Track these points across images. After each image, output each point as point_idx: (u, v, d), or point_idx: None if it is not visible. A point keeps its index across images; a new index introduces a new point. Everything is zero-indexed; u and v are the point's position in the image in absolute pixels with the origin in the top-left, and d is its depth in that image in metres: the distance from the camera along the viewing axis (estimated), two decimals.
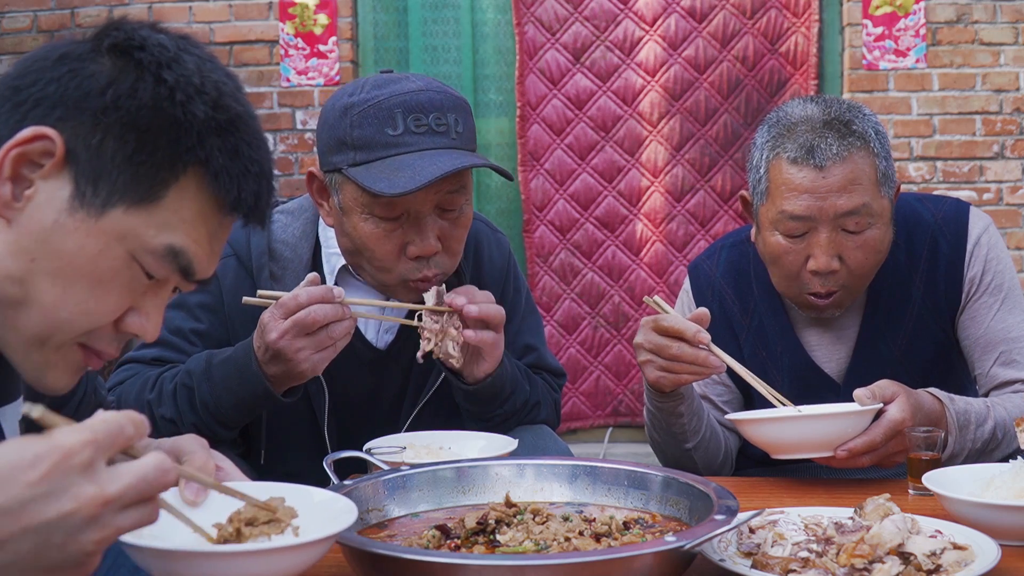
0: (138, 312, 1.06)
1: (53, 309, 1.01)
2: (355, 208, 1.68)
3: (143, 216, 1.01)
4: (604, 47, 4.30)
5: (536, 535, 1.19)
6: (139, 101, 0.99)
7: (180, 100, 1.00)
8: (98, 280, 1.01)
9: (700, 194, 4.29)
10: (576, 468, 1.39)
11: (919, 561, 1.10)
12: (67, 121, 0.98)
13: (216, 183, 1.03)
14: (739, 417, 1.66)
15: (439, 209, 1.69)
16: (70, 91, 0.98)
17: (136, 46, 1.01)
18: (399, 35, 4.44)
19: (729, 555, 1.16)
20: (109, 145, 0.98)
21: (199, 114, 1.01)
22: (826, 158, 1.70)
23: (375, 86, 1.68)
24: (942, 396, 1.67)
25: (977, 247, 1.85)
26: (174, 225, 1.02)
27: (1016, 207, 4.26)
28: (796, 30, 4.25)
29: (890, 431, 1.55)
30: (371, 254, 1.70)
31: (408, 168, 1.61)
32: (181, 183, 1.02)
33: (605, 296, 4.32)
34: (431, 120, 1.66)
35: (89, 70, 0.99)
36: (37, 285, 1.00)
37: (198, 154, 1.01)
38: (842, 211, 1.71)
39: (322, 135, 1.72)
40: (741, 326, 1.95)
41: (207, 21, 4.40)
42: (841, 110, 1.76)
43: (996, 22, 4.20)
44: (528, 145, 4.31)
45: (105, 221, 0.99)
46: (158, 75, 1.00)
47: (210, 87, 1.03)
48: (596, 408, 4.35)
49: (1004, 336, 1.82)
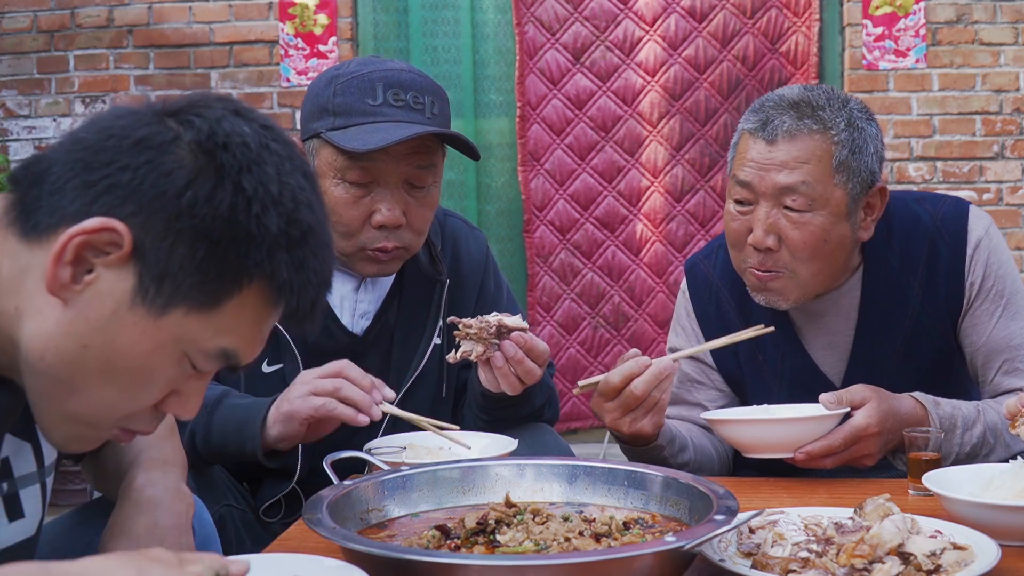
0: (179, 395, 1.05)
1: (98, 397, 1.00)
2: (328, 172, 1.75)
3: (202, 320, 0.99)
4: (604, 47, 4.30)
5: (536, 535, 1.19)
6: (216, 210, 0.95)
7: (256, 213, 0.97)
8: (147, 374, 1.00)
9: (700, 194, 4.29)
10: (576, 468, 1.39)
11: (919, 561, 1.10)
12: (138, 216, 0.94)
13: (277, 295, 1.01)
14: (710, 416, 1.73)
15: (408, 184, 1.77)
16: (146, 186, 0.95)
17: (220, 145, 0.97)
18: (399, 35, 4.44)
19: (729, 555, 1.16)
20: (179, 250, 0.95)
21: (272, 228, 0.98)
22: (776, 133, 1.73)
23: (361, 63, 1.80)
24: (926, 401, 1.67)
25: (978, 251, 1.81)
26: (230, 330, 1.01)
27: (1016, 207, 4.26)
28: (796, 30, 4.25)
29: (850, 436, 1.59)
30: (337, 218, 1.75)
31: (381, 132, 1.70)
32: (244, 293, 0.99)
33: (605, 296, 4.32)
34: (409, 97, 1.75)
35: (168, 165, 0.96)
36: (85, 371, 0.98)
37: (265, 268, 0.99)
38: (780, 185, 1.72)
39: (306, 106, 1.81)
40: (738, 326, 1.93)
41: (207, 21, 4.40)
42: (821, 98, 1.76)
43: (996, 22, 4.20)
44: (528, 145, 4.30)
45: (164, 321, 0.97)
46: (238, 182, 0.97)
47: (287, 197, 0.99)
48: None
49: (1007, 344, 1.79)
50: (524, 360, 1.67)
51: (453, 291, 1.94)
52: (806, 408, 1.69)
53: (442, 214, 2.03)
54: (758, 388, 1.91)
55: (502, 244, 4.40)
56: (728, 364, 1.94)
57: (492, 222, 4.40)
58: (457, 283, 1.95)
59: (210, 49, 4.41)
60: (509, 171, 4.39)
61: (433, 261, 1.93)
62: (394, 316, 1.90)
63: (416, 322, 1.91)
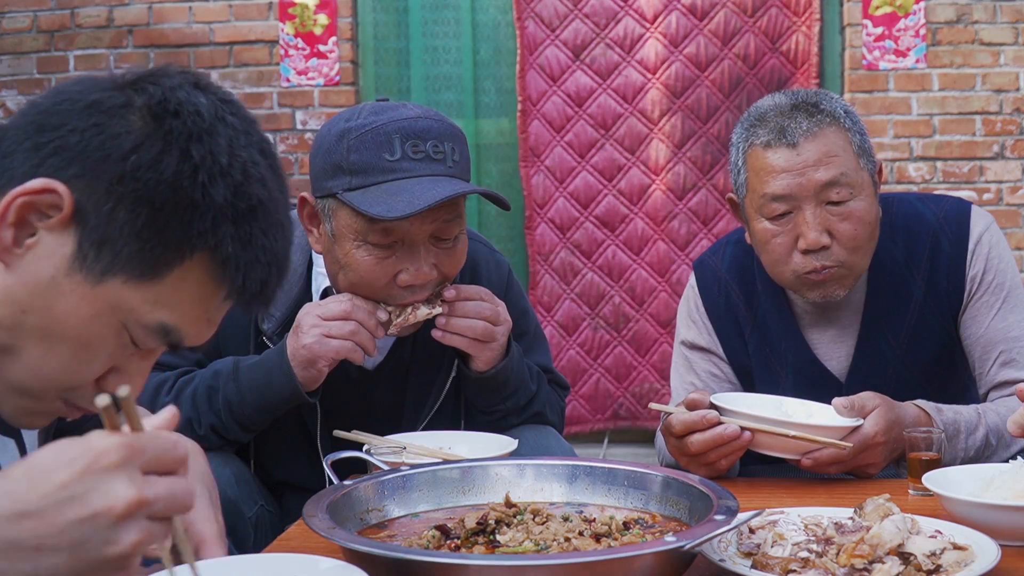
0: (120, 373, 1.03)
1: (36, 365, 0.99)
2: (348, 234, 1.66)
3: (141, 291, 0.97)
4: (604, 44, 4.30)
5: (536, 535, 1.19)
6: (160, 175, 0.94)
7: (202, 181, 0.95)
8: (85, 343, 0.98)
9: (702, 192, 4.28)
10: (576, 468, 1.39)
11: (919, 561, 1.10)
12: (82, 179, 0.94)
13: (222, 270, 0.99)
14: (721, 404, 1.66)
15: (434, 238, 1.68)
16: (91, 148, 0.94)
17: (171, 111, 0.96)
18: (399, 35, 4.44)
19: (729, 555, 1.16)
20: (120, 215, 0.94)
21: (218, 198, 0.96)
22: (797, 135, 1.74)
23: (372, 112, 1.67)
24: (929, 408, 1.68)
25: (979, 246, 1.85)
26: (171, 304, 0.99)
27: (1016, 207, 4.26)
28: (797, 29, 4.25)
29: (859, 445, 1.59)
30: (359, 279, 1.68)
31: (406, 193, 1.60)
32: (186, 265, 0.98)
33: (605, 296, 4.31)
34: (428, 147, 1.65)
35: (115, 129, 0.95)
36: (24, 338, 0.98)
37: (208, 240, 0.97)
38: (821, 183, 1.73)
39: (316, 160, 1.70)
40: (746, 321, 1.96)
41: (207, 21, 4.40)
42: (807, 95, 1.81)
43: (996, 22, 4.20)
44: (529, 141, 4.30)
45: (102, 289, 0.96)
46: (185, 149, 0.95)
47: (237, 169, 0.98)
48: (596, 412, 4.32)
49: (1004, 336, 1.82)
50: (464, 305, 1.69)
51: None
52: (815, 410, 1.68)
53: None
54: (766, 379, 1.94)
55: (502, 244, 4.39)
56: (739, 357, 1.97)
57: (492, 222, 4.40)
58: None
59: (210, 49, 4.40)
60: (509, 171, 4.39)
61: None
62: (409, 350, 1.87)
63: (433, 356, 1.86)
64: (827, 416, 1.64)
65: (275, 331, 1.78)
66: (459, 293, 1.71)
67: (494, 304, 1.74)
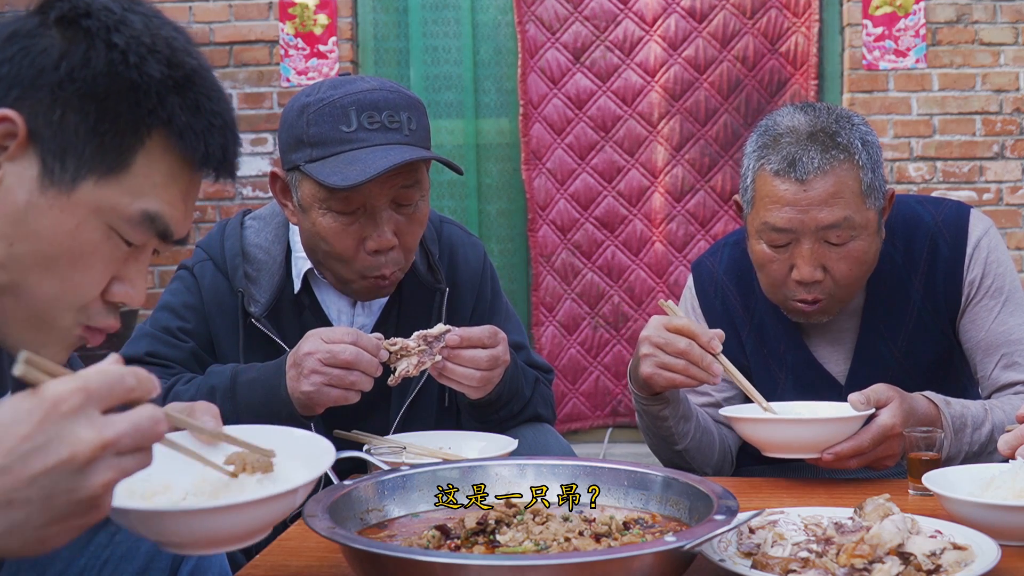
0: (122, 281, 1.06)
1: (41, 292, 1.01)
2: (313, 203, 1.73)
3: (114, 186, 1.01)
4: (604, 47, 4.30)
5: (536, 535, 1.19)
6: (94, 70, 0.98)
7: (134, 62, 1.00)
8: (79, 255, 1.01)
9: (700, 194, 4.29)
10: (576, 468, 1.39)
11: (919, 561, 1.10)
12: (25, 100, 0.98)
13: (182, 142, 1.03)
14: (733, 415, 1.68)
15: (394, 204, 1.74)
16: (24, 70, 0.98)
17: (82, 14, 1.01)
18: (399, 35, 4.44)
19: (729, 555, 1.16)
20: (71, 119, 0.98)
21: (155, 74, 1.01)
22: (808, 171, 1.70)
23: (331, 87, 1.75)
24: (938, 400, 1.68)
25: (977, 250, 1.84)
26: (146, 190, 1.03)
27: (1016, 207, 4.26)
28: (796, 30, 4.25)
29: (879, 436, 1.58)
30: (330, 248, 1.75)
31: (360, 162, 1.67)
32: (147, 147, 1.02)
33: (605, 296, 4.32)
34: (384, 117, 1.71)
35: (40, 45, 0.99)
36: (21, 271, 1.00)
37: (160, 115, 1.01)
38: (823, 224, 1.71)
39: (282, 135, 1.79)
40: (743, 323, 1.96)
41: (207, 21, 4.40)
42: (829, 120, 1.75)
43: (996, 22, 4.20)
44: (531, 144, 4.31)
45: (77, 195, 0.99)
46: (108, 40, 0.99)
47: (161, 45, 1.02)
48: (596, 408, 4.35)
49: (1005, 339, 1.82)
50: (461, 353, 1.68)
51: (451, 299, 1.93)
52: (825, 408, 1.68)
53: (438, 220, 2.02)
54: (764, 381, 1.93)
55: (503, 244, 4.40)
56: (736, 358, 1.95)
57: (492, 222, 4.40)
58: (455, 291, 1.95)
59: (210, 49, 4.40)
60: (510, 171, 4.39)
61: (431, 269, 1.93)
62: (393, 328, 1.89)
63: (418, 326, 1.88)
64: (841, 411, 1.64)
65: (263, 314, 1.82)
66: (462, 340, 1.69)
67: (495, 346, 1.71)
